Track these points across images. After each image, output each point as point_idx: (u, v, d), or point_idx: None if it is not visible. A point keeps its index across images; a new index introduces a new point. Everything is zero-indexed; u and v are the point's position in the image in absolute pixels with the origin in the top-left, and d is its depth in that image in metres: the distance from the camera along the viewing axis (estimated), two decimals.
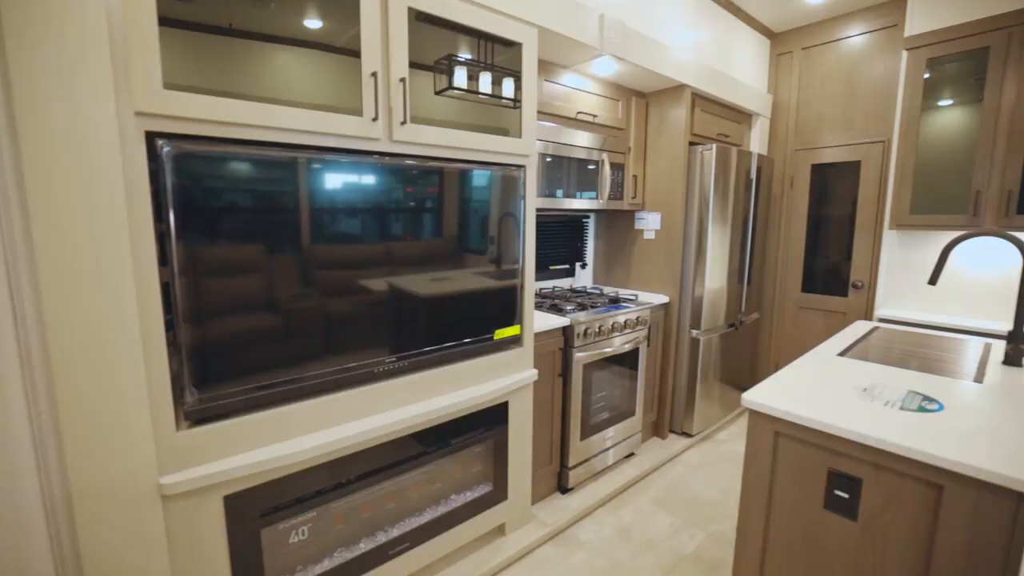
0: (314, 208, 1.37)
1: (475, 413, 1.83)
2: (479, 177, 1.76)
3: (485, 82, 1.76)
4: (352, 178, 1.44)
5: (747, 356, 3.43)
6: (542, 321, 2.12)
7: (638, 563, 1.94)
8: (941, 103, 2.77)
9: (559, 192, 2.42)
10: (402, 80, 1.48)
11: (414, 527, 1.72)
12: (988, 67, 2.53)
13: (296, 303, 1.37)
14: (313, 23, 1.35)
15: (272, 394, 1.34)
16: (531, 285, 1.95)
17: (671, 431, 2.98)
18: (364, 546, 1.61)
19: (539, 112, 2.30)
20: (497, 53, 1.80)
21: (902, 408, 1.23)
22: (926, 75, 2.77)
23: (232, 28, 1.25)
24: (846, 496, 1.16)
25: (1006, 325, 2.58)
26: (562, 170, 2.42)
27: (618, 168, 2.72)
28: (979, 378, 1.47)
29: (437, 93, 1.67)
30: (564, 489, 2.34)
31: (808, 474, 1.23)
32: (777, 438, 1.27)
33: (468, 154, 1.72)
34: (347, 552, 1.57)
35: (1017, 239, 1.54)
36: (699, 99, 2.87)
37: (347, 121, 1.39)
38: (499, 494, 1.97)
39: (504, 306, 1.89)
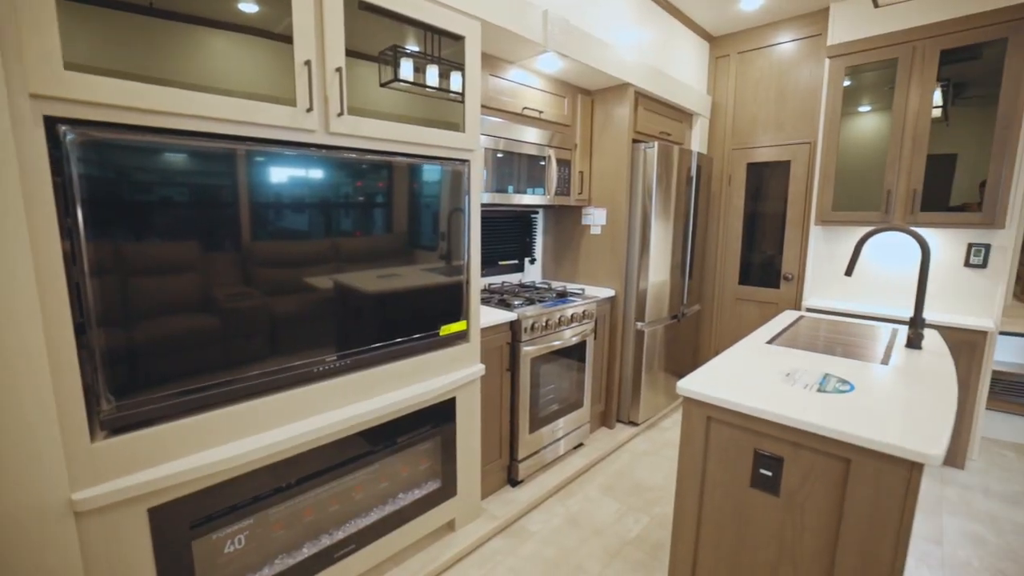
0: (244, 203, 1.30)
1: (422, 410, 1.82)
2: (422, 172, 1.74)
3: (430, 75, 1.74)
4: (286, 171, 1.38)
5: (689, 346, 3.59)
6: (489, 316, 2.13)
7: (586, 550, 1.99)
8: (861, 109, 2.99)
9: (510, 188, 2.44)
10: (338, 70, 1.44)
11: (360, 528, 1.68)
12: (896, 77, 2.76)
13: (228, 302, 1.30)
14: (244, 6, 1.28)
15: (203, 397, 1.27)
16: (477, 280, 1.95)
17: (618, 420, 3.07)
18: (307, 551, 1.56)
19: (485, 107, 2.30)
20: (443, 46, 1.78)
21: (819, 390, 1.33)
22: (848, 82, 2.98)
23: (153, 7, 1.17)
24: (769, 474, 1.24)
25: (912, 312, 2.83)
26: (512, 166, 2.43)
27: (565, 164, 2.76)
28: (885, 360, 1.62)
29: (382, 85, 1.63)
30: (514, 482, 2.36)
31: (736, 455, 1.30)
32: (709, 423, 1.34)
33: (411, 148, 1.69)
34: (289, 558, 1.52)
35: (916, 233, 1.69)
36: (642, 98, 2.95)
37: (279, 111, 1.33)
38: (448, 490, 1.96)
39: (450, 302, 1.88)
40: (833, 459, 1.15)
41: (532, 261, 3.21)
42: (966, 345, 2.54)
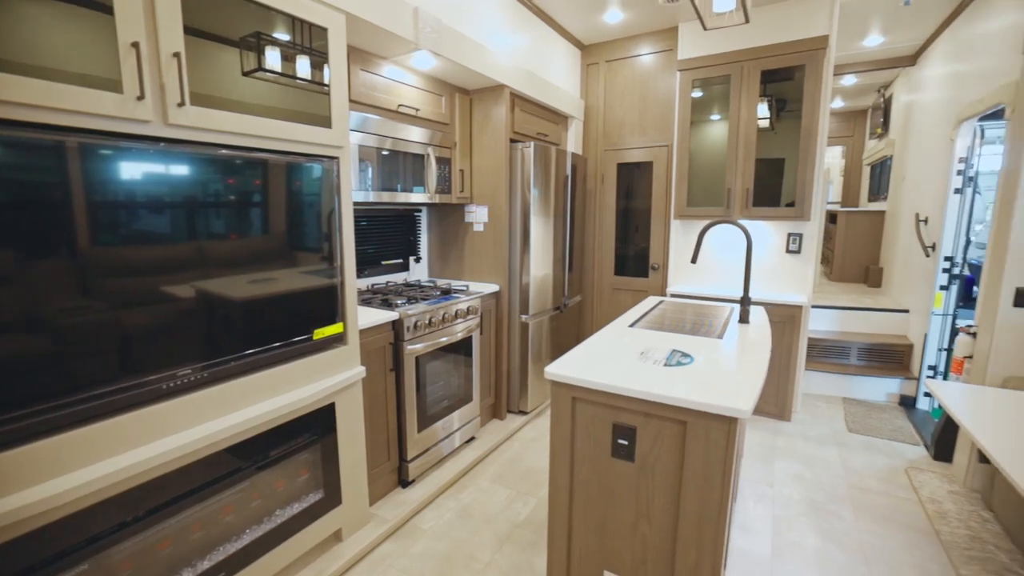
0: (69, 204, 1.13)
1: (298, 419, 1.73)
2: (287, 169, 1.64)
3: (298, 66, 1.65)
4: (119, 167, 1.23)
5: (573, 335, 3.83)
6: (369, 317, 2.08)
7: (477, 539, 2.05)
8: (713, 117, 3.42)
9: (399, 186, 2.45)
10: (176, 55, 1.30)
11: (231, 553, 1.56)
12: (731, 91, 3.20)
13: (55, 318, 1.12)
14: None
15: (13, 431, 1.08)
16: (352, 281, 1.90)
17: (509, 411, 3.18)
18: None
19: (359, 103, 2.24)
20: (314, 37, 1.69)
21: (666, 364, 1.51)
22: (700, 94, 3.39)
23: None
24: (626, 443, 1.39)
25: (759, 294, 3.32)
26: (395, 164, 2.44)
27: (445, 162, 2.78)
28: (721, 335, 1.89)
29: (245, 74, 1.51)
30: (405, 483, 2.34)
31: (598, 429, 1.43)
32: (575, 403, 1.45)
33: (273, 143, 1.59)
34: None
35: (741, 225, 2.00)
36: (518, 99, 3.07)
37: (103, 98, 1.18)
38: (332, 500, 1.89)
39: (323, 305, 1.80)
40: (674, 423, 1.32)
41: (417, 260, 3.19)
42: (788, 318, 3.04)
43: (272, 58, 1.59)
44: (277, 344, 1.65)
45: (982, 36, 2.90)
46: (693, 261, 2.15)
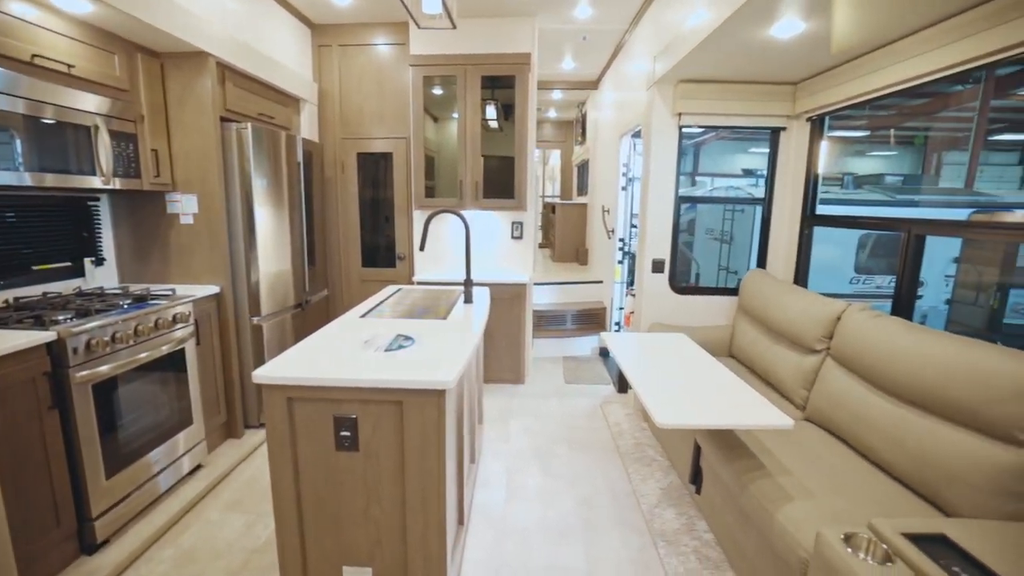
0: None
1: None
2: None
3: None
4: None
5: None
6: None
7: None
8: (453, 115, 3.62)
9: (63, 166, 1.92)
10: None
11: None
12: (457, 91, 3.47)
13: None
14: None
15: None
16: None
17: (247, 426, 2.82)
18: None
19: None
20: None
21: (387, 350, 1.56)
22: (441, 91, 3.55)
23: None
24: (348, 434, 1.39)
25: (490, 276, 3.71)
26: (58, 138, 1.91)
27: (128, 139, 2.24)
28: (445, 316, 2.06)
29: None
30: (92, 547, 1.84)
31: (320, 426, 1.40)
32: (290, 403, 1.38)
33: None
34: None
35: (459, 214, 2.22)
36: (230, 72, 2.68)
37: None
38: None
39: None
40: (392, 405, 1.38)
41: (99, 262, 2.50)
42: (516, 295, 3.52)
43: None
44: None
45: (629, 74, 3.86)
46: (421, 249, 2.28)
